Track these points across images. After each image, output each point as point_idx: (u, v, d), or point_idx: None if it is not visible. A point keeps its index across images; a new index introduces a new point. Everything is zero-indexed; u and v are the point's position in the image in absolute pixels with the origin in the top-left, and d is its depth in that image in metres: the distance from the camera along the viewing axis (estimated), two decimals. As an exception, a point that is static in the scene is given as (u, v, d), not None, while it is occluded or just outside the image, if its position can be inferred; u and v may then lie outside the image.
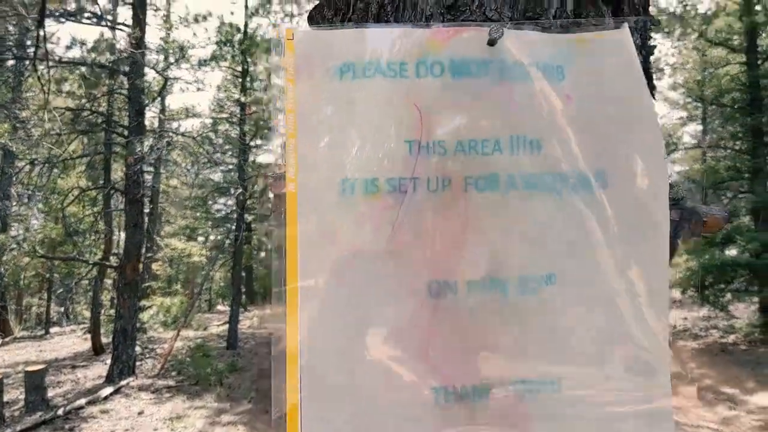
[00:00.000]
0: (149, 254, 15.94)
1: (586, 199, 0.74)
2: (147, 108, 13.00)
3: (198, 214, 20.35)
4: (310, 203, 0.72)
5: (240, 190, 14.56)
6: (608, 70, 0.76)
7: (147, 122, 13.34)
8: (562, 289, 0.74)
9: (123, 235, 14.79)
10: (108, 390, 11.15)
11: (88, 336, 15.92)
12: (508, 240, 0.73)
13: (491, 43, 0.72)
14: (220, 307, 23.73)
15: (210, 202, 20.35)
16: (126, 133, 12.32)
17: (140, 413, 10.17)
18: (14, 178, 14.55)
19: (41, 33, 7.64)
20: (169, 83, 13.59)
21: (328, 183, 0.72)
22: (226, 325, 15.30)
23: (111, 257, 13.56)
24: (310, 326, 0.71)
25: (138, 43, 11.58)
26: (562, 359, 0.73)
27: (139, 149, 11.39)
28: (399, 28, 0.74)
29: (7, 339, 17.08)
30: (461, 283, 0.72)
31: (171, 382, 11.87)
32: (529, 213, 0.73)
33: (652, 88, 0.83)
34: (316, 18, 0.87)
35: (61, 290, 17.97)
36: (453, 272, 0.72)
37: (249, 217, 18.11)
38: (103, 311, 14.77)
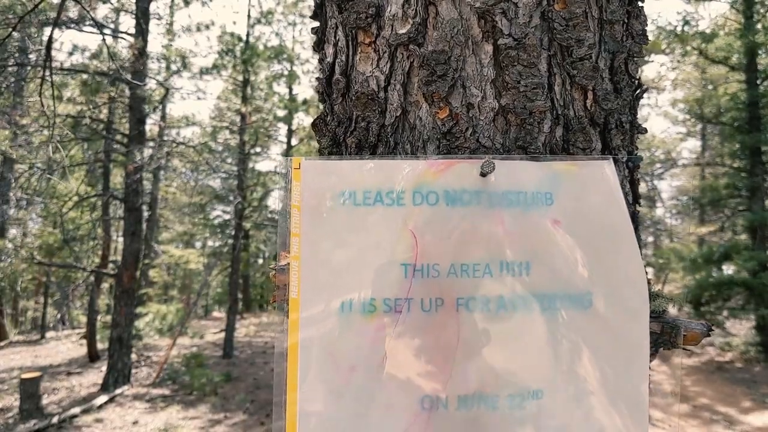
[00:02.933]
0: (147, 261, 15.97)
1: (572, 319, 0.79)
2: (148, 116, 13.05)
3: (196, 220, 20.38)
4: (311, 320, 0.76)
5: (239, 199, 14.61)
6: (593, 197, 0.81)
7: (147, 130, 13.38)
8: (549, 404, 0.78)
9: (121, 240, 14.83)
10: (103, 398, 11.16)
11: (84, 342, 15.93)
12: (497, 357, 0.77)
13: (483, 175, 0.77)
14: (216, 314, 23.74)
15: (208, 209, 20.37)
16: (126, 141, 12.38)
17: (135, 423, 10.18)
18: (14, 183, 14.58)
19: (47, 42, 7.69)
20: (170, 92, 13.66)
21: (329, 302, 0.77)
22: (222, 334, 15.31)
23: (108, 264, 13.58)
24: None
25: (140, 51, 11.64)
26: None
27: (139, 158, 11.44)
28: (398, 161, 0.79)
29: (2, 343, 17.07)
30: (452, 398, 0.76)
31: (166, 392, 11.88)
32: (517, 332, 0.78)
33: (636, 208, 0.87)
34: (320, 126, 0.92)
35: (58, 295, 17.96)
36: (444, 388, 0.76)
37: (247, 225, 18.14)
38: (99, 318, 14.78)
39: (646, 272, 0.82)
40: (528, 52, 0.81)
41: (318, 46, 0.98)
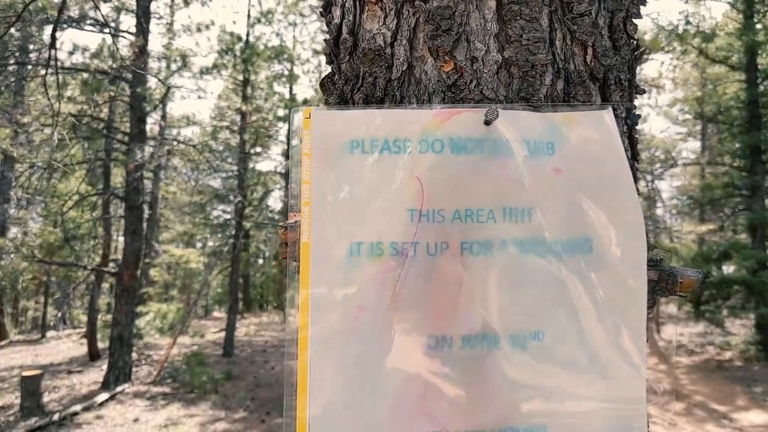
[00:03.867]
0: (147, 260, 15.99)
1: (572, 264, 0.82)
2: (148, 115, 13.08)
3: (197, 220, 20.42)
4: (321, 263, 0.79)
5: (239, 198, 14.64)
6: (593, 146, 0.84)
7: (148, 129, 13.40)
8: (550, 345, 0.81)
9: (121, 239, 14.85)
10: (103, 396, 11.18)
11: (84, 341, 15.95)
12: (499, 300, 0.80)
13: (487, 123, 0.80)
14: (216, 314, 23.77)
15: (209, 209, 20.42)
16: (127, 139, 12.41)
17: (135, 420, 10.20)
18: (14, 182, 14.61)
19: (51, 39, 7.74)
20: (170, 91, 13.69)
21: (338, 246, 0.80)
22: (223, 333, 15.34)
23: (109, 263, 13.60)
24: (318, 371, 0.79)
25: (141, 50, 11.68)
26: (549, 410, 0.80)
27: (139, 156, 11.47)
28: (404, 110, 0.82)
29: (3, 343, 17.09)
30: (456, 338, 0.79)
31: (167, 389, 11.90)
32: (519, 276, 0.81)
33: (635, 164, 0.90)
34: (327, 86, 0.95)
35: (58, 294, 17.98)
36: (449, 328, 0.79)
37: (247, 225, 18.17)
38: (100, 316, 14.80)
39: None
40: (530, 7, 0.84)
41: (326, 10, 1.01)
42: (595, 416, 0.81)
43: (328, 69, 0.99)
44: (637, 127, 0.93)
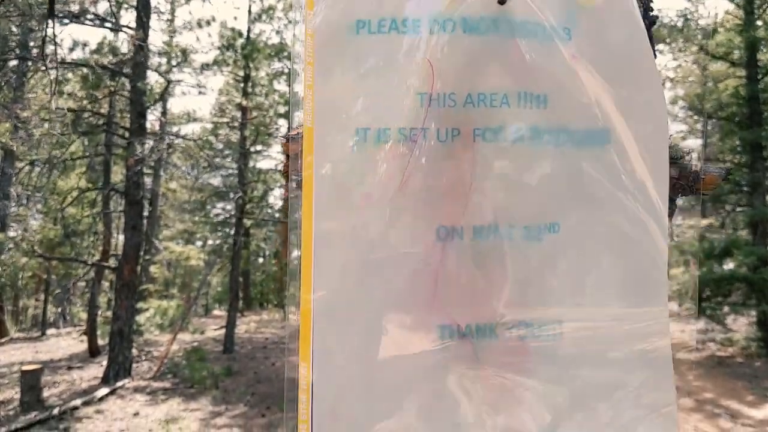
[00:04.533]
0: (147, 257, 15.96)
1: (589, 153, 0.78)
2: (148, 111, 13.05)
3: (197, 218, 20.39)
4: (325, 149, 0.75)
5: (240, 194, 14.60)
6: (613, 32, 0.79)
7: (148, 125, 13.36)
8: (565, 237, 0.77)
9: (121, 237, 14.82)
10: (104, 391, 11.15)
11: (84, 338, 15.90)
12: (513, 189, 0.76)
13: (501, 2, 0.76)
14: (216, 312, 23.70)
15: (209, 207, 20.39)
16: (127, 135, 12.37)
17: (135, 414, 10.16)
18: (14, 179, 14.58)
19: (49, 34, 7.71)
20: (171, 86, 13.67)
21: (343, 131, 0.75)
22: (223, 330, 15.29)
23: (109, 259, 13.56)
24: (323, 260, 0.75)
25: (141, 45, 11.65)
26: (564, 302, 0.76)
27: (139, 151, 11.43)
28: None
29: (3, 340, 17.04)
30: (467, 228, 0.75)
31: (167, 384, 11.86)
32: (533, 164, 0.77)
33: (654, 55, 0.86)
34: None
35: (58, 291, 17.94)
36: (460, 218, 0.75)
37: (248, 222, 18.15)
38: (99, 313, 14.76)
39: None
40: None
41: None
42: (614, 328, 0.77)
43: None
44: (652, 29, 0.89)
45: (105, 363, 13.02)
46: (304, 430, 0.72)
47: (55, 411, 9.98)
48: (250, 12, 15.68)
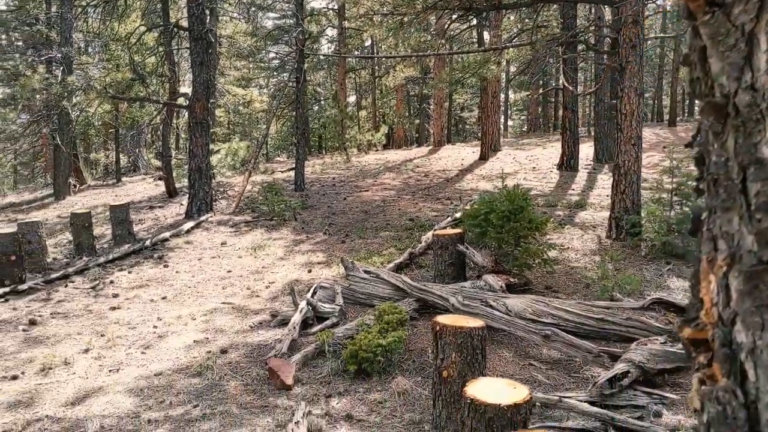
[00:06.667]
0: (212, 100, 15.99)
1: None
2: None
3: (254, 65, 20.10)
4: None
5: (300, 28, 14.17)
6: None
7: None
8: None
9: (188, 79, 14.76)
10: (189, 224, 11.63)
11: (160, 183, 16.46)
12: None
13: None
14: (279, 159, 24.06)
15: (265, 52, 20.00)
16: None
17: (223, 243, 10.62)
18: (74, 24, 14.43)
19: None
20: None
21: None
22: (291, 172, 15.53)
23: (178, 99, 13.61)
24: None
25: None
26: None
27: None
28: None
29: (82, 187, 17.79)
30: None
31: (247, 218, 12.29)
32: None
33: None
34: None
35: (129, 139, 18.36)
36: None
37: (305, 66, 17.82)
38: (174, 154, 15.10)
39: None
40: None
41: None
42: None
43: None
44: None
45: (184, 202, 13.51)
46: None
47: (147, 242, 10.50)
48: None
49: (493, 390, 3.16)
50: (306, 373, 5.19)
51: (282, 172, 17.49)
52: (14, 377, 5.38)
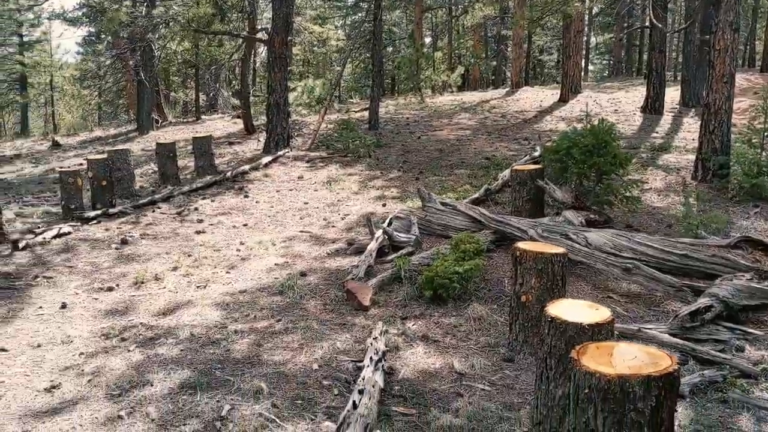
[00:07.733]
0: (289, 37, 16.03)
1: None
2: None
3: (331, 1, 19.93)
4: None
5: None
6: None
7: None
8: None
9: (266, 16, 14.79)
10: (267, 159, 11.88)
11: (238, 120, 16.78)
12: None
13: None
14: (352, 101, 24.03)
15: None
16: None
17: (299, 177, 10.82)
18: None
19: None
20: None
21: None
22: (365, 112, 15.50)
23: (257, 33, 13.70)
24: None
25: None
26: None
27: None
28: None
29: (164, 123, 18.36)
30: None
31: (323, 154, 12.43)
32: None
33: None
34: None
35: (208, 77, 18.71)
36: None
37: (384, 2, 17.52)
38: (252, 91, 15.31)
39: None
40: None
41: None
42: None
43: None
44: None
45: (261, 139, 13.76)
46: None
47: (228, 174, 10.82)
48: None
49: (575, 310, 3.14)
50: (382, 296, 5.31)
51: (356, 111, 17.48)
52: (110, 288, 5.75)
